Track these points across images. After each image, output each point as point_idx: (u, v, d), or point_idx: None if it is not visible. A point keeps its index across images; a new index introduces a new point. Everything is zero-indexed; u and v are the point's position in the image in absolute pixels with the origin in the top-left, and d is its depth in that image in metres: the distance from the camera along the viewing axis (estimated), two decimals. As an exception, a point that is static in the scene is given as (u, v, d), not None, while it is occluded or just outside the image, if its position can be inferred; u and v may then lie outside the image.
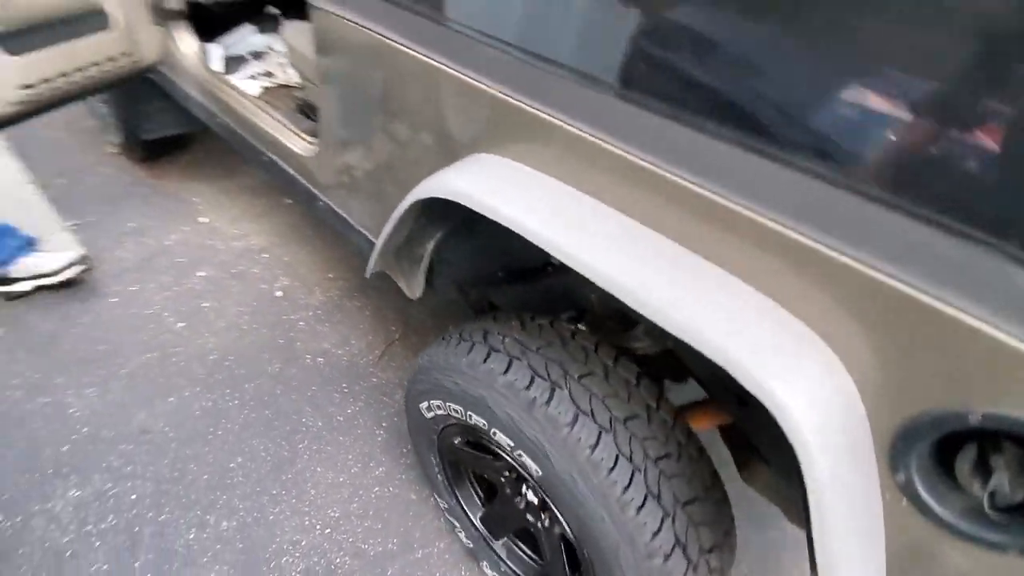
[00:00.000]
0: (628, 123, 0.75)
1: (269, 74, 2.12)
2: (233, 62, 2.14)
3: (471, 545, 1.42)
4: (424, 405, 1.19)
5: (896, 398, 0.63)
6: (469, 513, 1.38)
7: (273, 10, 2.39)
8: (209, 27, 2.08)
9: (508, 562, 1.35)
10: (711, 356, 0.66)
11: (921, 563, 0.70)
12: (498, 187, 0.87)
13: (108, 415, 1.68)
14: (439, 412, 1.16)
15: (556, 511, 1.03)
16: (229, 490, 1.56)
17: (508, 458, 1.07)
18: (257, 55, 2.20)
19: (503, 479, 1.21)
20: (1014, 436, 0.58)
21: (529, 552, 1.34)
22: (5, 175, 2.35)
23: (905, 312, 0.59)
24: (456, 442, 1.26)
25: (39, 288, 1.93)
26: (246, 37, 2.23)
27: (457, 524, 1.43)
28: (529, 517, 1.19)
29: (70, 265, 1.93)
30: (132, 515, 1.49)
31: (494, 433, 1.03)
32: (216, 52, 2.07)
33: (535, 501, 1.15)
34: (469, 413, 1.07)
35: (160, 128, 2.34)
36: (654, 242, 0.76)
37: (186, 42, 1.89)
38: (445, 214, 1.09)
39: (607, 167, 0.79)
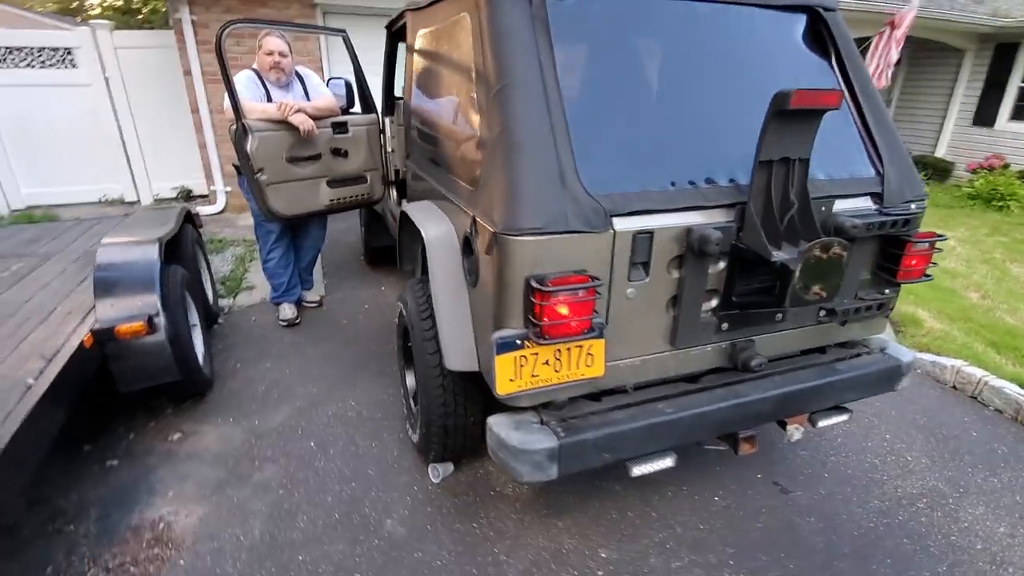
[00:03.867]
0: (439, 180, 2.23)
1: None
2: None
3: (406, 412, 2.61)
4: (399, 310, 2.56)
5: (458, 233, 1.88)
6: (407, 390, 2.60)
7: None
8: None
9: (415, 416, 2.50)
10: (421, 232, 2.00)
11: (474, 300, 1.81)
12: (412, 206, 2.39)
13: (308, 345, 3.45)
14: (400, 312, 2.51)
15: (411, 335, 2.26)
16: (333, 380, 3.08)
17: (405, 317, 2.35)
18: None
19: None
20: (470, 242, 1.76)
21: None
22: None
23: (458, 210, 1.88)
24: (407, 344, 2.58)
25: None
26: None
27: (404, 403, 2.65)
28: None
29: (315, 303, 3.99)
30: (288, 377, 3.11)
31: (402, 306, 2.36)
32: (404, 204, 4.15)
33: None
34: (400, 303, 2.42)
35: (379, 240, 4.49)
36: (436, 210, 2.16)
37: (394, 194, 3.99)
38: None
39: (433, 194, 2.25)
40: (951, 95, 9.16)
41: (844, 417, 2.02)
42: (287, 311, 3.74)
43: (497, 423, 1.65)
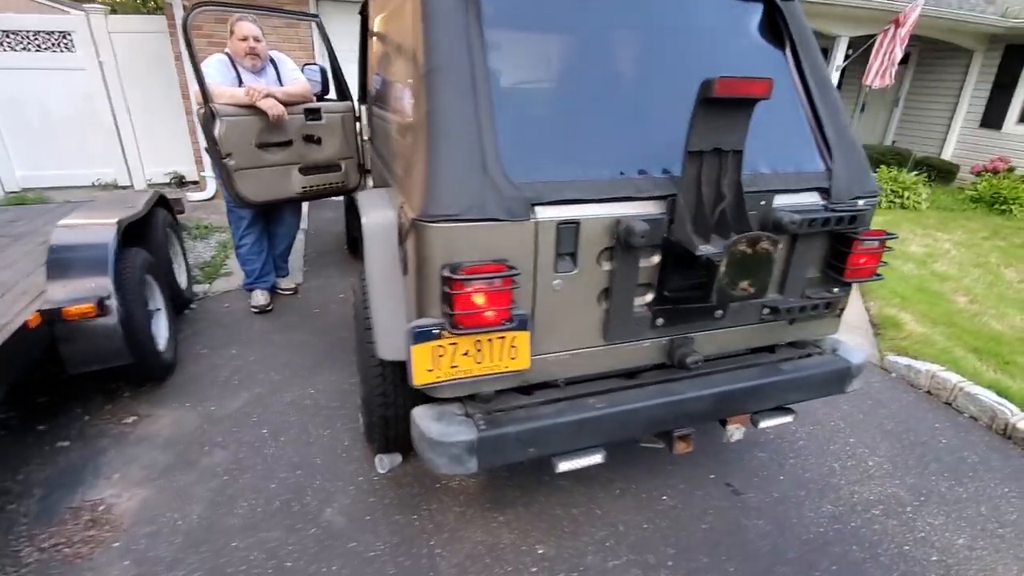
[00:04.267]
0: (387, 166, 2.20)
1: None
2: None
3: (360, 402, 2.59)
4: (351, 287, 2.54)
5: (397, 220, 1.84)
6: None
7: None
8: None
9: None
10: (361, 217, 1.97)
11: (405, 289, 1.78)
12: (363, 193, 2.36)
13: (276, 332, 3.44)
14: (351, 292, 2.49)
15: (356, 323, 2.24)
16: (296, 368, 3.07)
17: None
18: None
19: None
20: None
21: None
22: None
23: (398, 197, 1.85)
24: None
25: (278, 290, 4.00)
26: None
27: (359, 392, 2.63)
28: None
29: (289, 290, 3.98)
30: (252, 364, 3.11)
31: (352, 294, 2.34)
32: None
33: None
34: (352, 291, 2.41)
35: (357, 230, 4.47)
36: (383, 197, 2.13)
37: (370, 182, 3.96)
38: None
39: (382, 181, 2.22)
40: (959, 96, 8.97)
41: (788, 418, 1.97)
42: (259, 298, 3.73)
43: (420, 414, 1.63)
